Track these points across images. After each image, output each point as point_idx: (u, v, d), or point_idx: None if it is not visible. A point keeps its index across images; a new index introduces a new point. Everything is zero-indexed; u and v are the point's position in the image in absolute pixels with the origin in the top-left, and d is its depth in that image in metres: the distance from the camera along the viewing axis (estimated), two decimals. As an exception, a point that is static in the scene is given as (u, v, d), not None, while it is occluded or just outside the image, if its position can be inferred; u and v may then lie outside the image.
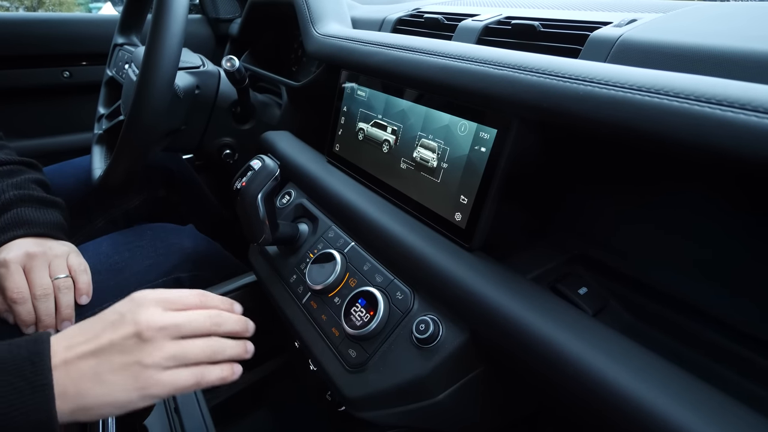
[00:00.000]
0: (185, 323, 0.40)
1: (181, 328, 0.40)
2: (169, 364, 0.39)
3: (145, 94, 0.62)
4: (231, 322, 0.44)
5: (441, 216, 0.48)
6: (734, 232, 0.38)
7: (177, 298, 0.43)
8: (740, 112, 0.26)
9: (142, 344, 0.38)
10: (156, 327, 0.39)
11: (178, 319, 0.40)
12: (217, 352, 0.42)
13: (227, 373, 0.43)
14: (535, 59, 0.39)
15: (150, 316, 0.39)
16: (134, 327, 0.38)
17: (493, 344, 0.40)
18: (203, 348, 0.41)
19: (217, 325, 0.43)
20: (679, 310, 0.41)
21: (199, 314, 0.42)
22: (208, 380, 0.41)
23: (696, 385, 0.31)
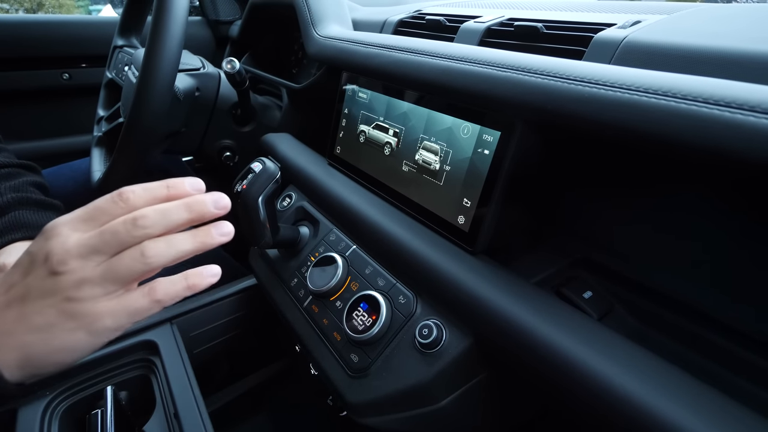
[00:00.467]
0: (101, 241, 0.32)
1: (101, 248, 0.32)
2: (106, 290, 0.32)
3: (145, 96, 0.61)
4: (165, 217, 0.33)
5: (444, 219, 0.48)
6: (738, 235, 0.37)
7: (91, 211, 0.34)
8: (749, 114, 0.26)
9: (60, 278, 0.32)
10: (70, 256, 0.32)
11: (93, 240, 0.32)
12: (156, 252, 0.32)
13: (195, 280, 0.35)
14: (540, 61, 0.39)
15: (59, 245, 0.32)
16: (46, 265, 0.32)
17: (497, 349, 0.39)
18: (134, 257, 0.32)
19: (144, 227, 0.33)
20: (684, 314, 0.41)
21: (117, 221, 0.33)
22: (170, 292, 0.34)
23: (703, 391, 0.30)
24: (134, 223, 0.33)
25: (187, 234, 0.34)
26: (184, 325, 0.67)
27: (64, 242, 0.32)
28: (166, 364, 0.59)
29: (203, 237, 0.35)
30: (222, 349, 0.74)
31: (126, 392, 0.60)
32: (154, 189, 0.35)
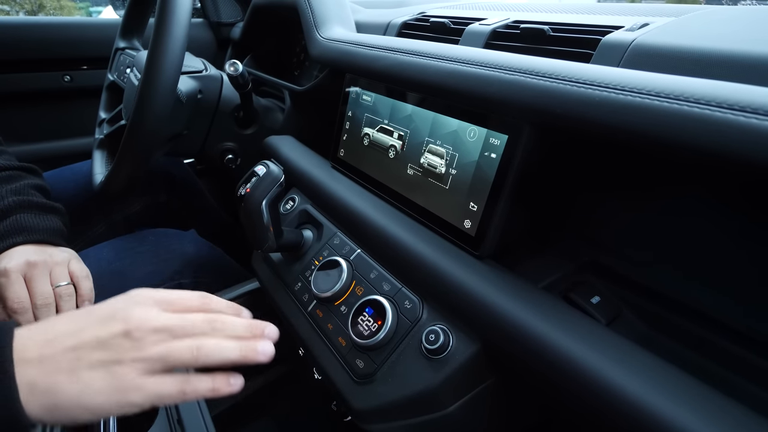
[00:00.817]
0: (179, 325, 0.36)
1: (174, 331, 0.36)
2: (152, 368, 0.35)
3: (147, 98, 0.61)
4: (234, 327, 0.39)
5: (449, 223, 0.47)
6: (747, 239, 0.37)
7: (177, 299, 0.39)
8: (765, 119, 0.26)
9: (128, 343, 0.34)
10: (148, 328, 0.35)
11: (173, 321, 0.36)
12: (208, 351, 0.36)
13: (220, 384, 0.38)
14: (548, 64, 0.38)
15: (144, 315, 0.36)
16: (124, 325, 0.35)
17: (505, 355, 0.39)
18: (190, 347, 0.36)
19: (216, 331, 0.38)
20: (693, 318, 0.40)
21: (197, 316, 0.38)
22: (196, 389, 0.36)
23: (714, 397, 0.30)
24: (212, 325, 0.38)
25: (236, 344, 0.38)
26: (187, 329, 0.66)
27: (148, 313, 0.36)
28: (169, 369, 0.59)
29: (248, 351, 0.38)
30: (224, 353, 0.74)
31: (128, 397, 0.59)
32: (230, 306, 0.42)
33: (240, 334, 0.39)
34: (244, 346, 0.38)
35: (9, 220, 0.62)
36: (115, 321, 0.35)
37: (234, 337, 0.38)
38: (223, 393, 0.38)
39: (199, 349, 0.36)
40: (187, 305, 0.39)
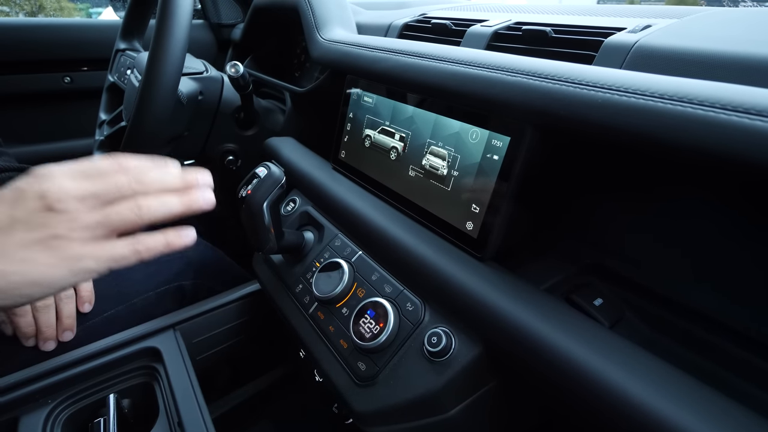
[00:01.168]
0: (105, 189, 0.35)
1: (102, 195, 0.35)
2: (95, 234, 0.34)
3: (148, 100, 0.61)
4: (165, 181, 0.37)
5: (452, 225, 0.47)
6: (749, 240, 0.37)
7: (90, 167, 0.36)
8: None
9: (54, 216, 0.33)
10: (69, 196, 0.34)
11: (97, 186, 0.35)
12: (152, 210, 0.36)
13: (173, 238, 0.38)
14: (551, 65, 0.38)
15: (60, 185, 0.34)
16: (41, 201, 0.33)
17: (507, 358, 0.39)
18: (131, 208, 0.35)
19: (148, 188, 0.36)
20: (696, 320, 0.40)
21: (122, 178, 0.36)
22: (149, 246, 0.36)
23: (717, 400, 0.30)
24: (137, 179, 0.36)
25: (176, 197, 0.38)
26: (187, 331, 0.66)
27: (62, 184, 0.34)
28: (170, 371, 0.59)
29: (189, 200, 0.38)
30: (225, 355, 0.73)
31: (129, 400, 0.59)
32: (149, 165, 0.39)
33: (174, 186, 0.38)
34: (185, 198, 0.38)
35: None
36: (28, 199, 0.34)
37: (171, 190, 0.38)
38: (177, 246, 0.38)
39: (140, 207, 0.36)
40: (102, 169, 0.36)
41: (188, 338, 0.66)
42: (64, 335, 0.60)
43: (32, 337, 0.58)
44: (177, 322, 0.66)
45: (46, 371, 0.56)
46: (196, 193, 0.39)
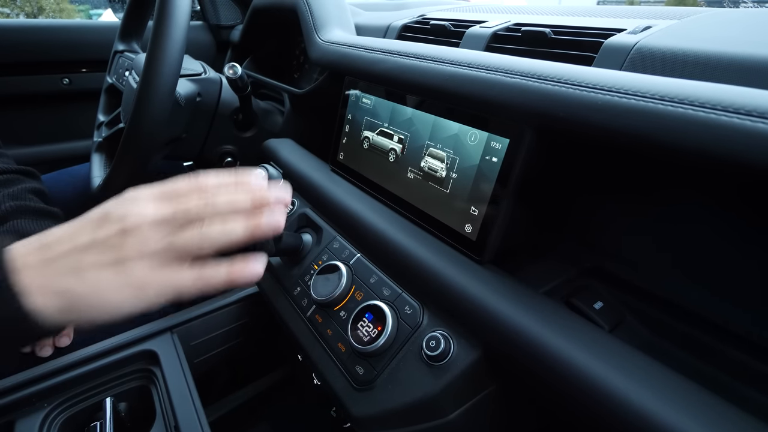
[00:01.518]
0: (175, 215, 0.35)
1: (173, 221, 0.35)
2: (161, 262, 0.34)
3: (146, 101, 0.60)
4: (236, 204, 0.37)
5: (450, 227, 0.47)
6: (748, 244, 0.37)
7: (171, 189, 0.37)
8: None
9: (127, 239, 0.34)
10: (145, 223, 0.34)
11: (169, 211, 0.35)
12: (212, 237, 0.36)
13: (236, 270, 0.37)
14: (550, 67, 0.38)
15: (139, 211, 0.35)
16: (120, 224, 0.34)
17: (507, 362, 0.39)
18: (194, 235, 0.35)
19: (218, 211, 0.36)
20: (696, 324, 0.40)
21: (194, 202, 0.36)
22: (212, 277, 0.36)
23: (717, 404, 0.29)
24: (210, 203, 0.36)
25: (241, 224, 0.37)
26: (185, 334, 0.66)
27: (143, 209, 0.35)
28: (167, 375, 0.58)
29: (253, 229, 0.37)
30: (223, 358, 0.73)
31: (125, 403, 0.59)
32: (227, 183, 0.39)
33: (244, 208, 0.37)
34: (250, 224, 0.37)
35: (6, 225, 0.62)
36: (110, 222, 0.35)
37: (240, 213, 0.37)
38: (240, 281, 0.37)
39: (203, 235, 0.35)
40: (183, 192, 0.37)
41: (186, 341, 0.66)
42: (61, 341, 0.60)
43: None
44: (174, 324, 0.65)
45: (41, 374, 0.55)
46: (265, 216, 0.38)
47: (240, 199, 0.37)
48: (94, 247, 0.34)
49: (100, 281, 0.34)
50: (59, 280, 0.33)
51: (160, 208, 0.35)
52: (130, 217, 0.35)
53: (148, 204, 0.36)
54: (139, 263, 0.34)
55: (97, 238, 0.34)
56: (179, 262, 0.35)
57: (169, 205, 0.36)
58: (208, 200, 0.37)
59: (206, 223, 0.36)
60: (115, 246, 0.34)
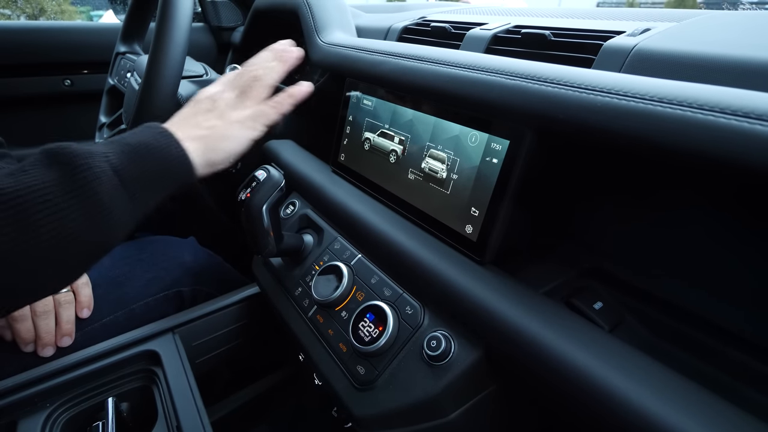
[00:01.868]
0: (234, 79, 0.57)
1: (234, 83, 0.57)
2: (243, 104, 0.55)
3: (148, 103, 0.61)
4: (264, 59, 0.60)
5: (451, 228, 0.47)
6: (746, 245, 0.37)
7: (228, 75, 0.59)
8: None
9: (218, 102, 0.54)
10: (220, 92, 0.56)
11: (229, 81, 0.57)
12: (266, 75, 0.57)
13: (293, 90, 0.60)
14: (550, 69, 0.38)
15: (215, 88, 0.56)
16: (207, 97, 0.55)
17: (507, 362, 0.39)
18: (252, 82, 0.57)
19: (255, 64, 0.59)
20: (696, 325, 0.40)
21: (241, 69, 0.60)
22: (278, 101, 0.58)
23: (717, 404, 0.30)
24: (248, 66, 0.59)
25: (275, 62, 0.59)
26: (187, 334, 0.66)
27: (216, 85, 0.57)
28: (168, 375, 0.58)
29: (285, 59, 0.60)
30: (224, 358, 0.73)
31: (127, 404, 0.59)
32: None
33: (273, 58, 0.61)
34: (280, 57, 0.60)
35: None
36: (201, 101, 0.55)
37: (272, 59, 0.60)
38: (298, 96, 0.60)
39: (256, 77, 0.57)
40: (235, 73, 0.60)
41: (187, 341, 0.66)
42: (63, 341, 0.60)
43: (31, 343, 0.58)
44: (176, 325, 0.65)
45: (44, 374, 0.56)
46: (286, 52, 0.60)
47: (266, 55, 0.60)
48: (200, 112, 0.52)
49: (213, 125, 0.51)
50: (189, 131, 0.48)
51: (222, 81, 0.57)
52: (210, 91, 0.56)
53: (214, 84, 0.57)
54: (230, 110, 0.53)
55: (198, 108, 0.53)
56: (255, 100, 0.55)
57: (226, 77, 0.58)
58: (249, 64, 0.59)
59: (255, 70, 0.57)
60: (211, 107, 0.53)
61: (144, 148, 0.43)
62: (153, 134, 0.45)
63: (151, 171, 0.43)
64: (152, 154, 0.43)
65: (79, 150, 0.39)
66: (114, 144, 0.42)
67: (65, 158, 0.38)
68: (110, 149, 0.41)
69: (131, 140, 0.43)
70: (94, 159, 0.39)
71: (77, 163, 0.38)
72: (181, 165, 0.45)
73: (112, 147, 0.42)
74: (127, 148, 0.42)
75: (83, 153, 0.39)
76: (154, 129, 0.46)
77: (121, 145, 0.42)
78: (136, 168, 0.42)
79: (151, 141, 0.44)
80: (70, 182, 0.37)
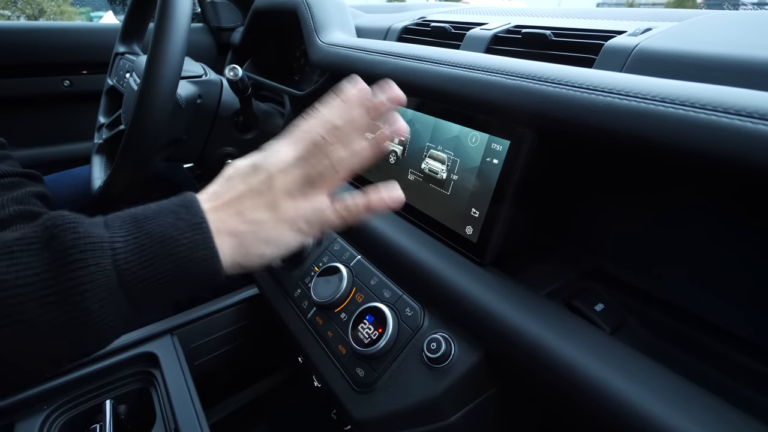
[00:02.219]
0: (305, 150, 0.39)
1: (304, 156, 0.39)
2: (303, 193, 0.39)
3: (146, 103, 0.61)
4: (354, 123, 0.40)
5: (451, 229, 0.47)
6: (748, 246, 0.37)
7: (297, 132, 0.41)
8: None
9: (275, 181, 0.39)
10: (284, 163, 0.39)
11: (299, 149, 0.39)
12: (344, 162, 0.39)
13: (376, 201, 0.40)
14: (551, 69, 0.38)
15: (279, 156, 0.39)
16: (265, 171, 0.39)
17: (508, 364, 0.38)
18: (326, 164, 0.39)
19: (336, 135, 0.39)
20: (698, 327, 0.40)
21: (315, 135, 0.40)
22: (348, 207, 0.40)
23: (718, 406, 0.29)
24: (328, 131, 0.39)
25: (363, 140, 0.40)
26: (185, 336, 0.66)
27: (281, 154, 0.39)
28: (167, 377, 0.58)
29: (378, 143, 0.40)
30: (223, 360, 0.73)
31: (125, 406, 0.59)
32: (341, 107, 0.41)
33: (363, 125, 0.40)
34: (374, 139, 0.40)
35: (9, 230, 0.62)
36: (258, 171, 0.39)
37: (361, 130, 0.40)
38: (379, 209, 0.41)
39: (334, 160, 0.39)
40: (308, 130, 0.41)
41: (186, 343, 0.65)
42: None
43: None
44: (175, 326, 0.65)
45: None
46: (386, 125, 0.40)
47: (356, 117, 0.39)
48: (249, 194, 0.38)
49: (259, 221, 0.38)
50: (228, 223, 0.37)
51: (294, 149, 0.39)
52: (272, 163, 0.39)
53: (283, 149, 0.40)
54: (287, 200, 0.39)
55: (250, 186, 0.39)
56: (319, 192, 0.39)
57: (300, 144, 0.40)
58: (330, 128, 0.39)
59: (335, 150, 0.39)
60: (265, 190, 0.38)
61: (165, 246, 0.35)
62: (184, 226, 0.36)
63: (165, 274, 0.35)
64: (173, 254, 0.35)
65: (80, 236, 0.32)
66: (131, 227, 0.35)
67: (61, 244, 0.31)
68: (123, 236, 0.34)
69: (153, 228, 0.35)
70: (96, 252, 0.32)
71: (71, 259, 0.31)
72: (205, 269, 0.36)
73: (126, 232, 0.35)
74: (146, 241, 0.34)
75: (83, 242, 0.32)
76: (185, 219, 0.36)
77: (139, 232, 0.35)
78: (148, 270, 0.34)
79: (177, 236, 0.35)
80: (55, 282, 0.31)
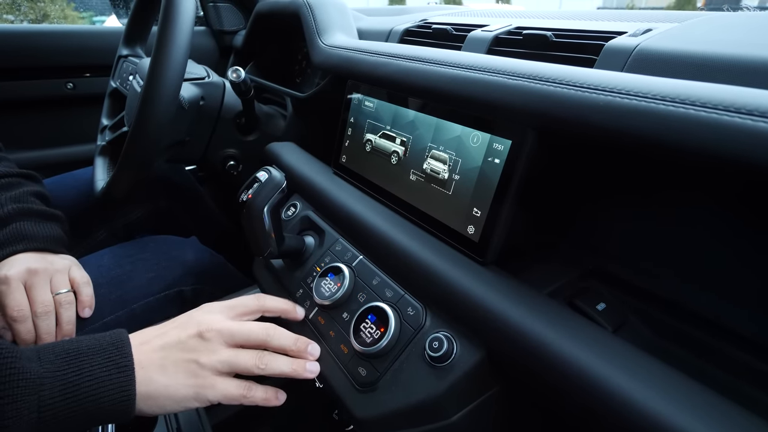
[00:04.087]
0: (239, 331, 0.45)
1: (235, 335, 0.44)
2: (222, 369, 0.42)
3: (149, 105, 0.61)
4: (283, 338, 0.47)
5: (453, 229, 0.47)
6: (750, 245, 0.37)
7: (236, 303, 0.48)
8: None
9: (201, 344, 0.42)
10: (214, 329, 0.43)
11: (234, 327, 0.45)
12: (267, 364, 0.45)
13: (271, 395, 0.46)
14: (552, 69, 0.38)
15: (211, 318, 0.44)
16: (197, 327, 0.43)
17: (510, 363, 0.38)
18: (252, 357, 0.44)
19: (270, 337, 0.46)
20: (700, 325, 0.40)
21: (255, 325, 0.46)
22: (254, 396, 0.44)
23: (721, 404, 0.29)
24: (267, 333, 0.46)
25: (288, 360, 0.47)
26: (187, 336, 0.66)
27: (218, 321, 0.45)
28: (169, 377, 0.58)
29: (298, 368, 0.47)
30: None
31: (127, 406, 0.59)
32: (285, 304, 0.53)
33: (288, 345, 0.47)
34: (296, 364, 0.47)
35: (9, 227, 0.62)
36: (191, 325, 0.44)
37: (284, 349, 0.47)
38: (272, 404, 0.47)
39: (261, 359, 0.44)
40: (247, 306, 0.48)
41: (188, 344, 0.65)
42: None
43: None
44: (177, 327, 0.65)
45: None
46: (306, 363, 0.47)
47: (287, 336, 0.47)
48: (179, 346, 0.42)
49: (176, 377, 0.40)
50: (148, 372, 0.40)
51: (227, 320, 0.45)
52: (204, 323, 0.44)
53: (222, 316, 0.46)
54: (207, 368, 0.42)
55: (181, 337, 0.43)
56: (232, 373, 0.44)
57: (236, 322, 0.46)
58: (265, 326, 0.46)
59: (265, 353, 0.45)
60: (193, 348, 0.42)
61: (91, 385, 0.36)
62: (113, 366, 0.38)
63: (82, 411, 0.36)
64: (94, 395, 0.36)
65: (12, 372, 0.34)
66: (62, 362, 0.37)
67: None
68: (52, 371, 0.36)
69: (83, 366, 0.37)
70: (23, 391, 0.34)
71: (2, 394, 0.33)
72: (119, 410, 0.37)
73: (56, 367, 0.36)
74: (73, 378, 0.36)
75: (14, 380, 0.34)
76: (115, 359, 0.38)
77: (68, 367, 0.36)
78: (66, 409, 0.35)
79: (104, 377, 0.37)
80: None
